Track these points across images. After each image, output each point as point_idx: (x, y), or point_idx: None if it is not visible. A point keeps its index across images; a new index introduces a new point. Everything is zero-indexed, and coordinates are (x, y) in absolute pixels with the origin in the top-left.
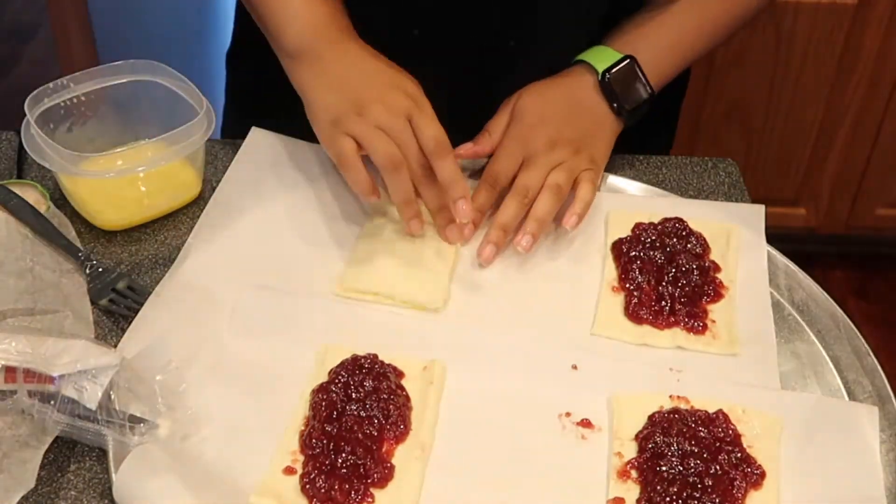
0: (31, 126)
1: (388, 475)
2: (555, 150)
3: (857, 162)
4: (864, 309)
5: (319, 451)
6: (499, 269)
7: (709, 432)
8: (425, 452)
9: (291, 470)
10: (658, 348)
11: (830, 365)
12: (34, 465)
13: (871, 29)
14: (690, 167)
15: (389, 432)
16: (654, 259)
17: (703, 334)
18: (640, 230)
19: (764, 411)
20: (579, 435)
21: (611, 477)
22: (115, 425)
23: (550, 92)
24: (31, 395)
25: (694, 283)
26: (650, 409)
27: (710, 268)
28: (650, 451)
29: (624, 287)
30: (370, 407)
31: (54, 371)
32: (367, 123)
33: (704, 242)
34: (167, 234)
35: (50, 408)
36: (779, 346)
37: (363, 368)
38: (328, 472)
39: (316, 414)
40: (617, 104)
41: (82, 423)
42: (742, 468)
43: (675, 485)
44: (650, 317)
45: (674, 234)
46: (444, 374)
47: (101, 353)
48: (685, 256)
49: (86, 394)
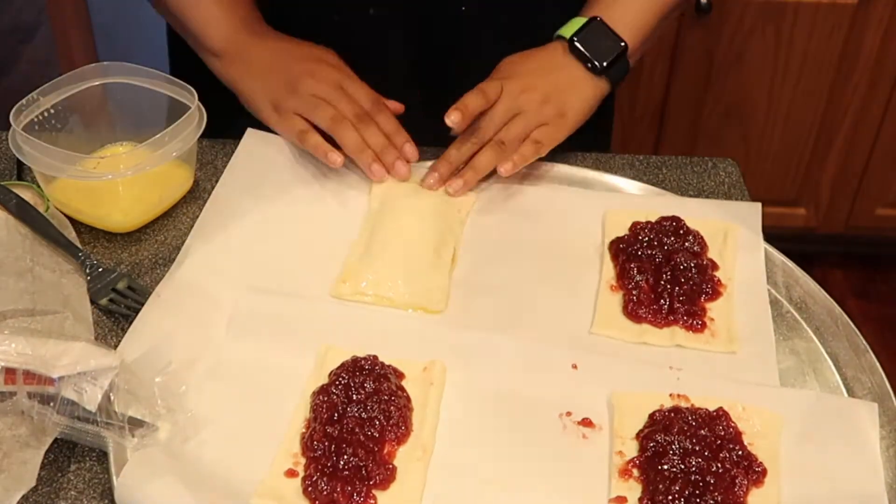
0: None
1: (390, 477)
2: (522, 95)
3: (857, 162)
4: (864, 309)
5: (321, 453)
6: (497, 269)
7: (709, 430)
8: (427, 453)
9: (293, 472)
10: (657, 347)
11: (829, 362)
12: (35, 465)
13: (871, 29)
14: (690, 167)
15: (391, 434)
16: (653, 258)
17: (702, 332)
18: (638, 229)
19: (764, 409)
20: (580, 434)
21: (612, 476)
22: (114, 427)
23: (529, 57)
24: (31, 396)
25: (692, 281)
26: (651, 407)
27: (708, 266)
28: (651, 450)
29: (622, 286)
30: (371, 408)
31: (54, 373)
32: (302, 97)
33: (702, 241)
34: (167, 234)
35: (49, 409)
36: (777, 344)
37: (364, 370)
38: (330, 475)
39: (317, 416)
40: (591, 64)
41: (82, 424)
42: (743, 466)
43: (677, 483)
44: (649, 315)
45: (671, 232)
46: (444, 375)
47: (101, 354)
48: (683, 255)
49: (85, 395)
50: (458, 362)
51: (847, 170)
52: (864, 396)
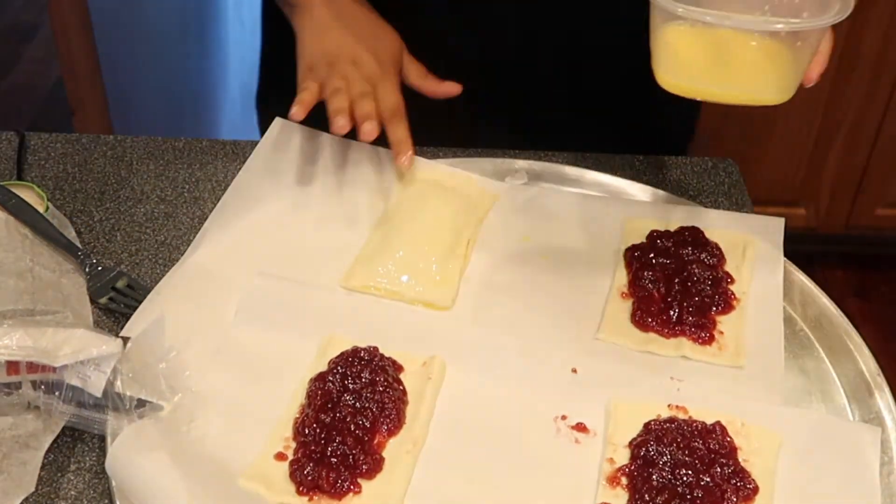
0: None
1: (377, 467)
2: None
3: (857, 162)
4: (864, 309)
5: (311, 438)
6: (510, 271)
7: (704, 443)
8: (417, 446)
9: (283, 456)
10: (661, 356)
11: (838, 384)
12: (34, 467)
13: (871, 29)
14: (690, 167)
15: (382, 425)
16: (666, 267)
17: (710, 345)
18: (655, 237)
19: (763, 426)
20: (573, 439)
21: (600, 482)
22: (122, 411)
23: None
24: (36, 386)
25: (705, 293)
26: (647, 416)
27: (724, 279)
28: (642, 459)
29: (633, 293)
30: (365, 398)
31: (56, 362)
32: (333, 76)
33: (720, 253)
34: (167, 234)
35: (55, 398)
36: (787, 362)
37: (362, 360)
38: (317, 460)
39: (311, 402)
40: None
41: (89, 412)
42: (734, 482)
43: (663, 493)
44: (656, 324)
45: (689, 243)
46: (443, 371)
47: (102, 341)
48: (698, 266)
49: (90, 382)
50: (459, 359)
51: (847, 170)
52: (871, 421)
